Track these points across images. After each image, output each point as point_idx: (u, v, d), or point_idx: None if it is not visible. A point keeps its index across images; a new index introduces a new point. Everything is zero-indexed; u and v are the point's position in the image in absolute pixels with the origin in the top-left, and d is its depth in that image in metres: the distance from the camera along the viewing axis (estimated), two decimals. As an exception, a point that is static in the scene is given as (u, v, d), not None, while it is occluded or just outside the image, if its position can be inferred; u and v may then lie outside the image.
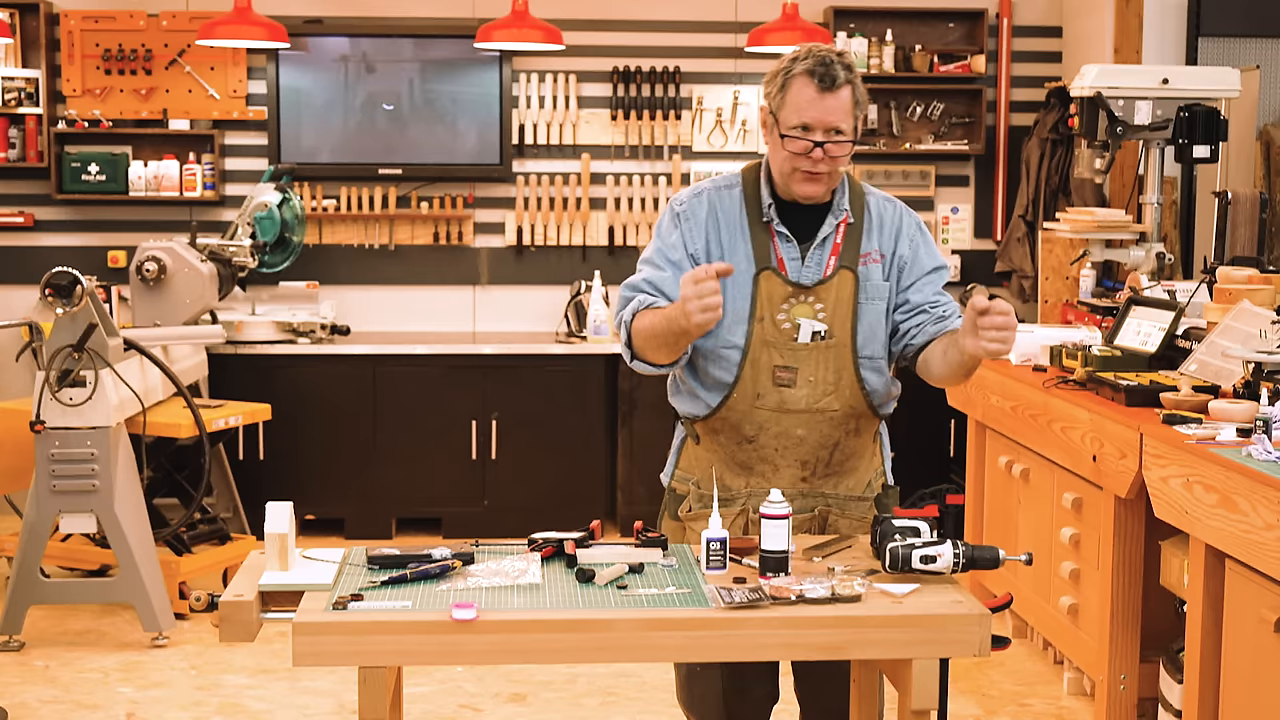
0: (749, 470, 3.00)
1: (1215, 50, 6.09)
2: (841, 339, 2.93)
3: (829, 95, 2.83)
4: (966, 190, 6.98)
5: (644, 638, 2.52)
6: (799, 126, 2.85)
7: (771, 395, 2.94)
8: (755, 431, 2.96)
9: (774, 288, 2.93)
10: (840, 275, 2.94)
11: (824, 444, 2.97)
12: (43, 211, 6.65)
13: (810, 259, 2.94)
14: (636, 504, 6.26)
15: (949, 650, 2.55)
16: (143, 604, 4.94)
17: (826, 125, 2.84)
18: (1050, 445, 4.48)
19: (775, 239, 2.95)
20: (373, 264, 6.79)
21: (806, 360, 2.92)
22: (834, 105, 2.83)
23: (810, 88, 2.83)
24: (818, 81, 2.83)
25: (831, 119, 2.84)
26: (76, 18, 6.53)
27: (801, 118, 2.84)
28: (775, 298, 2.93)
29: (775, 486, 2.96)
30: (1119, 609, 4.12)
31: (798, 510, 2.97)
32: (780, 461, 2.97)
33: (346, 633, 2.47)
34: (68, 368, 4.83)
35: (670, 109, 6.77)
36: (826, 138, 2.84)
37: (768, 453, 2.97)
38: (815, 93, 2.83)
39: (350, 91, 6.69)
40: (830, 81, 2.83)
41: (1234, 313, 4.14)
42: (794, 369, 2.92)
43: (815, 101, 2.83)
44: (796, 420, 2.94)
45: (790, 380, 2.93)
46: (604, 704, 4.50)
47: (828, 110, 2.83)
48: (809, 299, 2.93)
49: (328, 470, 6.33)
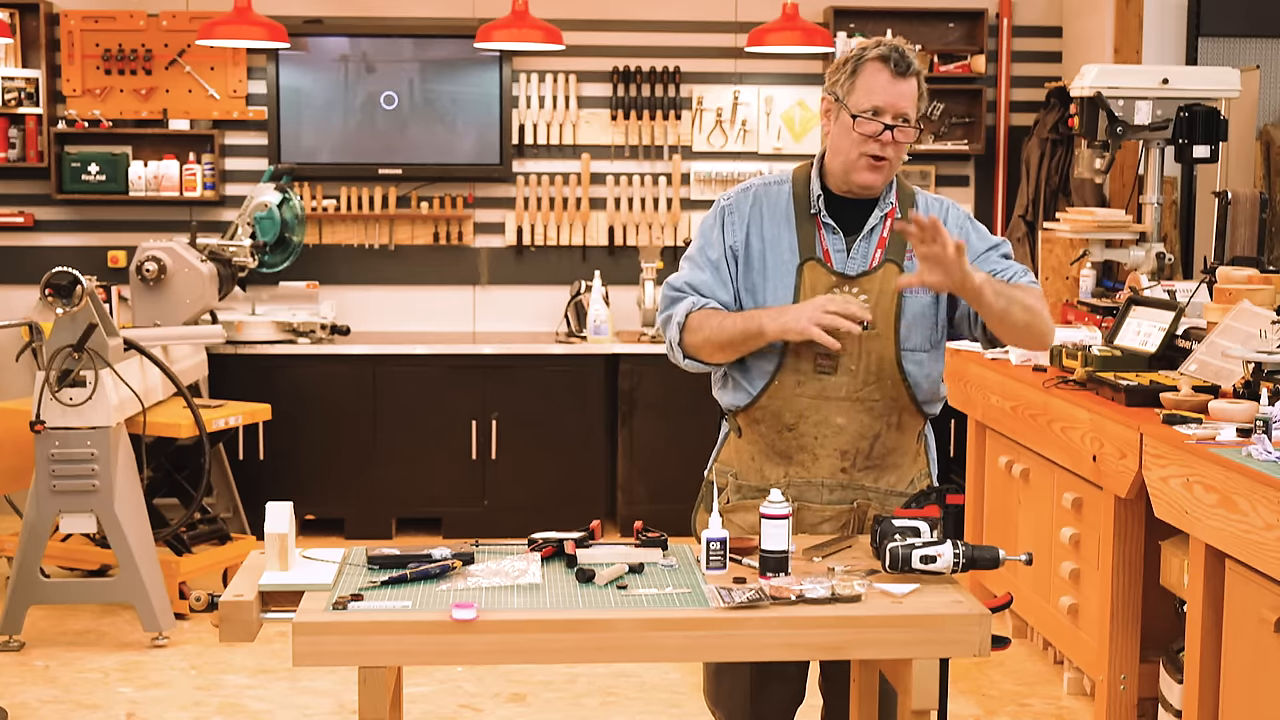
0: (788, 460, 3.01)
1: (1215, 50, 6.09)
2: (885, 330, 2.96)
3: (901, 80, 2.90)
4: (966, 190, 6.98)
5: (644, 638, 2.52)
6: (870, 110, 2.90)
7: (812, 383, 2.96)
8: (795, 419, 2.98)
9: (818, 277, 2.96)
10: (886, 268, 2.97)
11: (864, 434, 2.99)
12: (43, 211, 6.66)
13: (856, 251, 2.98)
14: (636, 504, 6.26)
15: (949, 650, 2.55)
16: (143, 604, 4.94)
17: (897, 110, 2.90)
18: (1050, 445, 4.48)
19: (821, 230, 2.99)
20: (373, 264, 6.79)
21: (848, 349, 2.95)
22: (905, 91, 2.90)
23: (884, 72, 2.90)
24: (892, 67, 2.89)
25: (902, 104, 2.91)
26: (76, 18, 6.53)
27: (873, 101, 2.90)
28: (819, 287, 2.96)
29: (815, 477, 2.99)
30: (1119, 609, 4.12)
31: (836, 502, 3.00)
32: (820, 450, 2.99)
33: (346, 633, 2.47)
34: (68, 368, 4.83)
35: (670, 109, 6.77)
36: (895, 122, 2.90)
37: (807, 441, 2.99)
38: (889, 77, 2.90)
39: (350, 91, 6.69)
40: (905, 68, 2.90)
41: (1234, 313, 4.14)
42: (835, 357, 2.95)
43: (889, 86, 2.90)
44: (837, 408, 2.97)
45: (831, 368, 2.96)
46: (604, 704, 4.50)
47: (900, 95, 2.90)
48: (853, 289, 2.96)
49: (328, 470, 6.32)
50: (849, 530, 3.03)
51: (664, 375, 6.25)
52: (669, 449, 6.30)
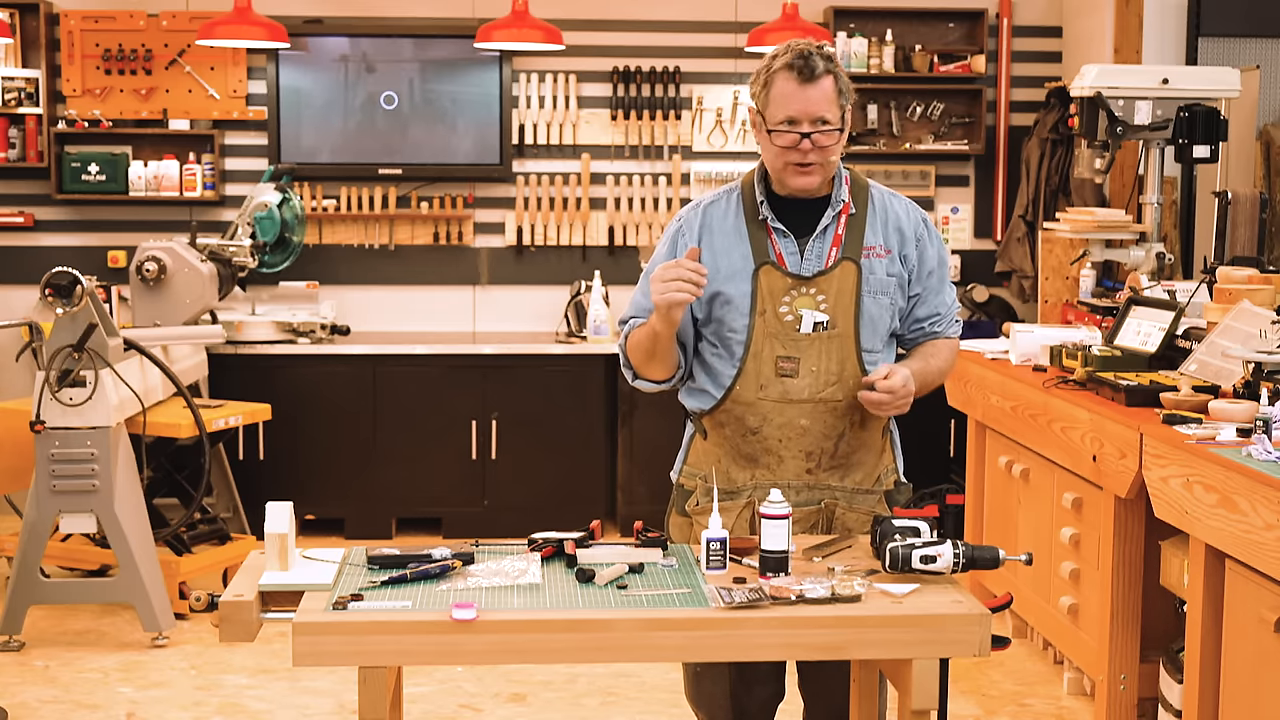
0: (754, 463, 3.02)
1: (1215, 50, 6.09)
2: (844, 330, 2.97)
3: (810, 86, 2.88)
4: (966, 190, 6.98)
5: (644, 638, 2.52)
6: (785, 121, 2.89)
7: (774, 386, 2.97)
8: (759, 423, 2.98)
9: (774, 281, 2.96)
10: (842, 266, 2.97)
11: (828, 435, 2.99)
12: (43, 211, 6.66)
13: (810, 251, 2.98)
14: (636, 504, 6.26)
15: (949, 650, 2.55)
16: (143, 604, 4.94)
17: (811, 116, 2.88)
18: (1050, 445, 4.48)
19: (773, 235, 2.98)
20: (373, 264, 6.79)
21: (809, 350, 2.95)
22: (816, 95, 2.88)
23: (791, 81, 2.88)
24: (798, 74, 2.88)
25: (815, 109, 2.88)
26: (76, 18, 6.53)
27: (786, 111, 2.89)
28: (776, 291, 2.96)
29: (780, 479, 2.99)
30: (1119, 609, 4.12)
31: (803, 503, 3.00)
32: (785, 453, 2.99)
33: (346, 633, 2.47)
34: (68, 368, 4.83)
35: (670, 109, 6.77)
36: (813, 128, 2.89)
37: (772, 444, 2.99)
38: (797, 85, 2.88)
39: (350, 91, 6.69)
40: (810, 73, 2.88)
41: (1234, 313, 4.14)
42: (796, 359, 2.96)
43: (797, 93, 2.88)
44: (800, 410, 2.97)
45: (793, 370, 2.96)
46: (604, 704, 4.50)
47: (811, 101, 2.88)
48: (810, 290, 2.96)
49: (328, 470, 6.33)
50: (818, 530, 3.03)
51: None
52: (669, 449, 6.20)
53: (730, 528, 2.97)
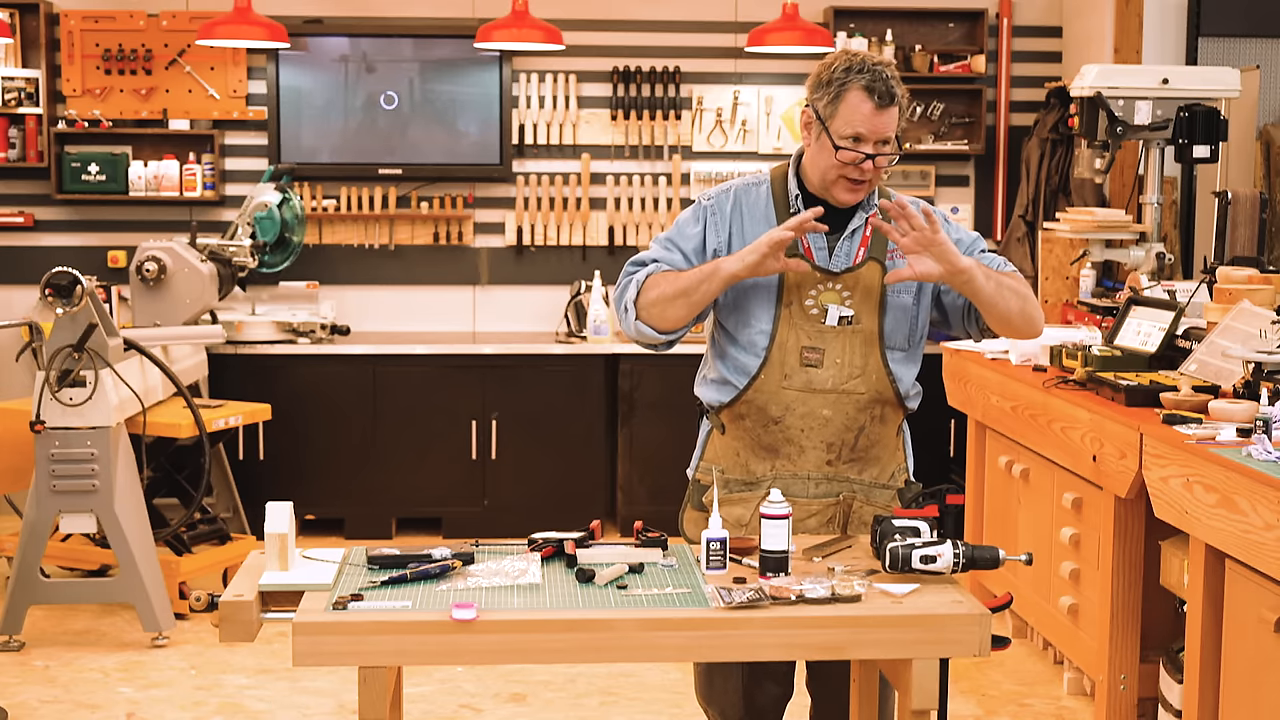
0: (774, 453, 3.03)
1: (1215, 50, 6.09)
2: (868, 326, 2.99)
3: (885, 111, 2.91)
4: (966, 190, 6.98)
5: (644, 638, 2.52)
6: (852, 137, 2.91)
7: (798, 375, 2.99)
8: (782, 412, 3.00)
9: (802, 273, 2.97)
10: (868, 266, 3.00)
11: (849, 427, 3.01)
12: (43, 211, 6.66)
13: (839, 249, 3.01)
14: (636, 504, 6.26)
15: (949, 650, 2.55)
16: (143, 604, 4.94)
17: (878, 138, 2.92)
18: (1050, 445, 4.48)
19: None
20: (373, 264, 6.79)
21: (834, 342, 2.98)
22: (888, 120, 2.91)
23: (868, 103, 2.90)
24: (876, 98, 2.90)
25: (884, 132, 2.92)
26: (76, 18, 6.53)
27: (855, 129, 2.90)
28: (803, 283, 2.98)
29: (800, 470, 3.01)
30: (1119, 609, 4.12)
31: (822, 495, 3.03)
32: (806, 443, 3.01)
33: (346, 633, 2.47)
34: (68, 368, 4.83)
35: (670, 109, 6.77)
36: (876, 150, 2.92)
37: (793, 434, 3.00)
38: (872, 108, 2.90)
39: (350, 91, 6.68)
40: (888, 99, 2.91)
41: (1234, 313, 4.14)
42: (821, 350, 2.98)
43: (871, 116, 2.90)
44: (823, 401, 2.99)
45: (817, 361, 2.98)
46: (604, 704, 4.50)
47: (881, 124, 2.91)
48: (836, 285, 2.99)
49: (328, 470, 6.32)
50: (835, 522, 3.05)
51: (664, 375, 6.26)
52: (669, 449, 6.28)
53: (748, 519, 2.99)
